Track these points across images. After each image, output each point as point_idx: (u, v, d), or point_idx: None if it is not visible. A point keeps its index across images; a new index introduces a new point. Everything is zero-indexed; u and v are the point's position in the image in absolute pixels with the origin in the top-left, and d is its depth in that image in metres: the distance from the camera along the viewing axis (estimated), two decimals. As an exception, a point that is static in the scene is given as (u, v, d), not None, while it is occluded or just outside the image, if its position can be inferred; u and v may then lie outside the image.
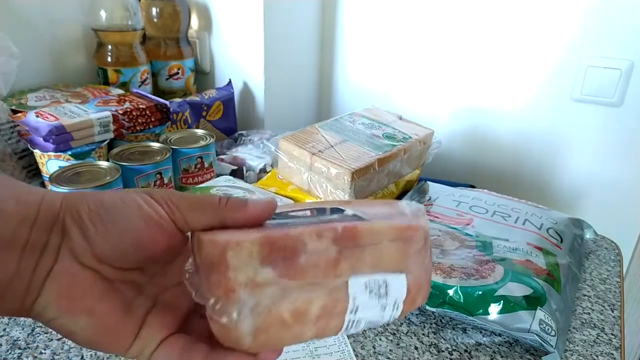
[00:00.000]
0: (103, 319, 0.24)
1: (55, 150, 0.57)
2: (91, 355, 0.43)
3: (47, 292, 0.23)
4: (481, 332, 0.49)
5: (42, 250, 0.24)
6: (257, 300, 0.23)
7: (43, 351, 0.44)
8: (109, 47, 0.81)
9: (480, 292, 0.47)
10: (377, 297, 0.25)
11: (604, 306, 0.54)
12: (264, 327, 0.23)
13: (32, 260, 0.23)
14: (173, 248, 0.26)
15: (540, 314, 0.45)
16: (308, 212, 0.28)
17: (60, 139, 0.57)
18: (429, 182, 0.73)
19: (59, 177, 0.54)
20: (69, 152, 0.58)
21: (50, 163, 0.59)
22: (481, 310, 0.46)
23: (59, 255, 0.24)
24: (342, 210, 0.28)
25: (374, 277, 0.25)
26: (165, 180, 0.63)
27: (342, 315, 0.25)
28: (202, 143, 0.67)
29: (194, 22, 0.95)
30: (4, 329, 0.45)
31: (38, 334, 0.45)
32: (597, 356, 0.47)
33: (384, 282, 0.25)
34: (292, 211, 0.28)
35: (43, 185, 0.64)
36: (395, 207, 0.29)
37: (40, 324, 0.45)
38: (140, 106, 0.65)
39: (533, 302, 0.46)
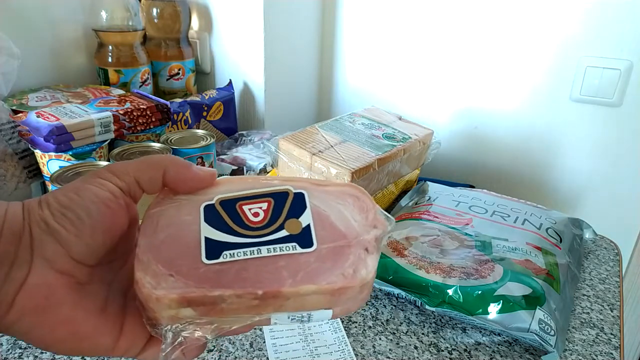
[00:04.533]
0: (81, 326, 0.24)
1: (56, 151, 0.57)
2: (92, 354, 0.44)
3: (20, 306, 0.23)
4: (481, 332, 0.49)
5: (12, 263, 0.23)
6: (181, 327, 0.25)
7: (43, 351, 0.44)
8: (110, 47, 0.81)
9: (479, 292, 0.47)
10: (299, 322, 0.27)
11: (603, 306, 0.54)
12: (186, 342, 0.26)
13: (0, 273, 0.23)
14: (135, 221, 0.28)
15: (539, 313, 0.45)
16: (263, 208, 0.27)
17: (61, 139, 0.57)
18: (428, 182, 0.73)
19: (60, 177, 0.54)
20: (70, 152, 0.58)
21: (51, 163, 0.59)
22: (480, 310, 0.46)
23: (33, 267, 0.23)
24: (301, 212, 0.27)
25: (297, 313, 0.26)
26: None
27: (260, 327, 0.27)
28: (203, 143, 0.67)
29: (195, 23, 0.95)
30: (5, 329, 0.46)
31: (39, 334, 0.45)
32: (597, 356, 0.47)
33: (308, 315, 0.26)
34: (245, 200, 0.27)
35: (44, 185, 0.64)
36: (360, 215, 0.28)
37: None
38: (141, 106, 0.65)
39: (532, 301, 0.46)
